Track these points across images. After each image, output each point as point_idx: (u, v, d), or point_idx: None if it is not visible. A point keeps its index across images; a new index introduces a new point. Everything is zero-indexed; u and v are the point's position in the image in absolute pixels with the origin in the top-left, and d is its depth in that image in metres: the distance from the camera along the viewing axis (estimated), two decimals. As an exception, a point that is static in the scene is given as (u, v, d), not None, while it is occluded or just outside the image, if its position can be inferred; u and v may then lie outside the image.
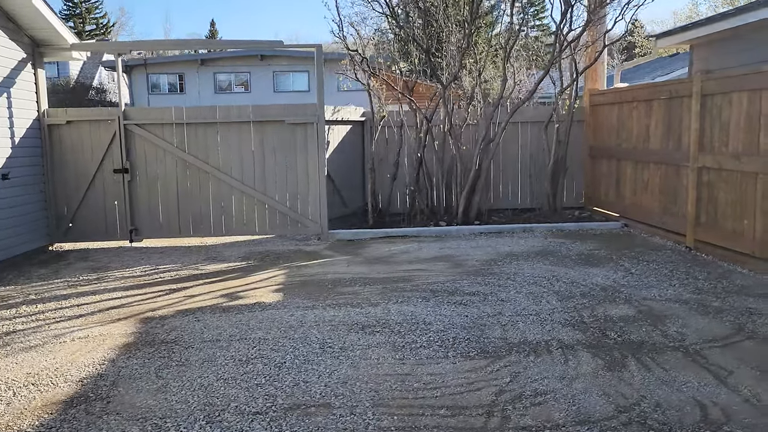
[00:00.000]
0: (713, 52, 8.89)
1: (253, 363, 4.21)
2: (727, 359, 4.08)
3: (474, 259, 7.42)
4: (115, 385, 3.90)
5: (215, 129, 8.97)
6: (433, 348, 4.43)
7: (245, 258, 7.88)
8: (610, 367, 4.00)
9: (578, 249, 7.81)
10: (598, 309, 5.27)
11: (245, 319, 5.24)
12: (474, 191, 9.76)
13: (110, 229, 9.00)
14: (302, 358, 4.28)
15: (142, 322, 5.24)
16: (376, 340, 4.61)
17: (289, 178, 9.05)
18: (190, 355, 4.39)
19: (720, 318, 4.94)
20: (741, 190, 6.68)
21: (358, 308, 5.47)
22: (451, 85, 9.57)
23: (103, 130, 8.84)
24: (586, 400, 3.53)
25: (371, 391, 3.72)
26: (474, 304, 5.51)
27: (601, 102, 10.07)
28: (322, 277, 6.73)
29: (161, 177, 8.98)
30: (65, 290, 6.42)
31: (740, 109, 6.66)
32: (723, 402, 3.46)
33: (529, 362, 4.11)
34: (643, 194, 8.84)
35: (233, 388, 3.80)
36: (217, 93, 33.07)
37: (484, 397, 3.60)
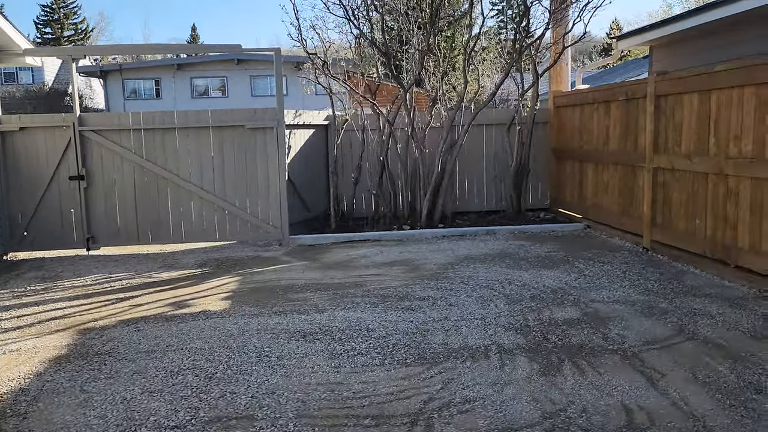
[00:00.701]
0: (671, 53, 8.94)
1: (183, 374, 4.11)
2: (663, 362, 4.05)
3: (432, 263, 7.37)
4: (36, 400, 3.78)
5: (174, 134, 8.84)
6: (371, 355, 4.35)
7: (201, 265, 7.76)
8: (545, 371, 3.95)
9: (537, 251, 7.79)
10: (545, 312, 5.22)
11: (186, 328, 5.13)
12: (437, 194, 9.72)
13: (67, 238, 8.83)
14: (235, 368, 4.19)
15: (80, 333, 5.11)
16: (314, 348, 4.53)
17: (249, 183, 8.94)
18: (121, 367, 4.27)
19: (664, 319, 4.92)
20: (693, 191, 6.69)
21: (303, 315, 5.39)
22: (412, 88, 9.52)
23: (58, 136, 8.67)
24: (514, 406, 3.47)
25: (298, 401, 3.64)
26: (422, 309, 5.45)
27: (564, 104, 10.08)
28: (276, 283, 6.64)
29: (119, 183, 8.83)
30: (9, 301, 6.26)
31: (691, 110, 6.67)
32: (650, 406, 3.42)
33: (465, 368, 4.05)
34: (604, 195, 8.85)
35: (157, 401, 3.69)
36: (195, 98, 32.84)
37: (412, 406, 3.53)
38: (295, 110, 9.69)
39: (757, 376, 3.78)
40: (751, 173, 5.71)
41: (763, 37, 7.12)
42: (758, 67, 5.59)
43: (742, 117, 5.85)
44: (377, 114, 9.79)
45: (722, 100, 6.15)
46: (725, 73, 6.05)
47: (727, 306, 5.23)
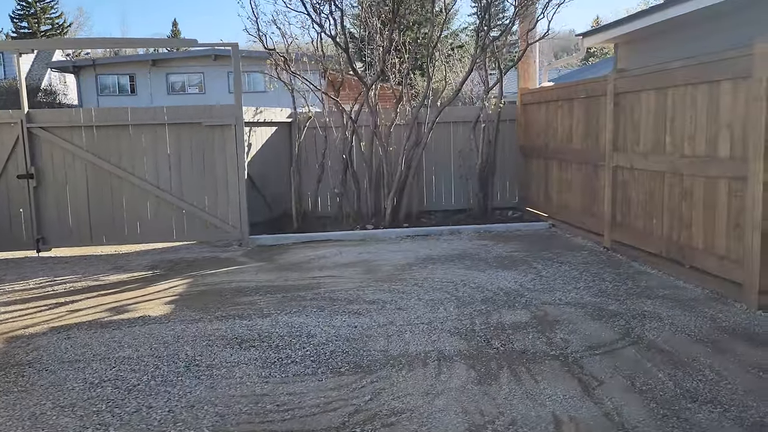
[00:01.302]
0: (633, 50, 8.85)
1: (103, 386, 3.90)
2: (603, 368, 3.92)
3: (390, 263, 7.20)
4: (-61, 415, 3.56)
5: (128, 132, 8.59)
6: (305, 364, 4.17)
7: (153, 267, 7.53)
8: (482, 380, 3.80)
9: (498, 251, 7.65)
10: (494, 316, 5.08)
11: (120, 335, 4.91)
12: (402, 193, 9.56)
13: (16, 238, 8.54)
14: (160, 379, 3.98)
15: (6, 341, 4.88)
16: (248, 356, 4.34)
17: (207, 182, 8.71)
18: (39, 379, 4.06)
19: (611, 323, 4.79)
20: (651, 190, 6.59)
21: (246, 320, 5.20)
22: (375, 85, 9.33)
23: (5, 133, 8.38)
24: (442, 418, 3.31)
25: (216, 415, 3.45)
26: (369, 313, 5.28)
27: (531, 101, 9.96)
28: (226, 286, 6.43)
29: (71, 183, 8.56)
30: (-58, 306, 6.00)
31: (648, 108, 6.56)
32: (581, 416, 3.28)
33: (400, 377, 3.89)
34: (568, 194, 8.74)
35: (66, 417, 3.49)
36: (170, 94, 32.36)
37: (336, 419, 3.36)
38: (255, 107, 9.47)
39: (696, 383, 3.66)
40: (705, 173, 5.60)
41: (724, 32, 7.02)
42: (711, 64, 5.48)
43: (696, 115, 5.75)
44: (340, 111, 9.60)
45: (677, 98, 6.04)
46: (680, 71, 5.94)
47: (678, 308, 5.12)
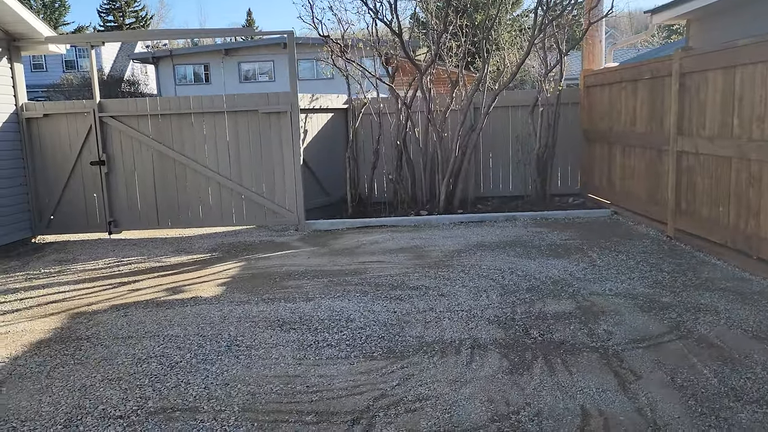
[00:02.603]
0: (706, 28, 8.33)
1: (149, 362, 4.10)
2: (643, 362, 3.75)
3: (440, 250, 7.16)
4: (1, 384, 3.85)
5: (190, 120, 8.91)
6: (340, 347, 4.23)
7: (212, 250, 7.81)
8: (513, 370, 3.73)
9: (552, 239, 7.45)
10: (537, 305, 4.96)
11: (172, 314, 5.14)
12: (457, 179, 9.45)
13: (90, 221, 9.07)
14: (201, 357, 4.15)
15: (71, 317, 5.20)
16: (286, 338, 4.44)
17: (265, 168, 8.92)
18: (93, 353, 4.31)
19: (661, 315, 4.58)
20: (716, 176, 6.21)
21: (290, 303, 5.31)
22: (429, 70, 9.24)
23: (79, 122, 8.88)
24: (466, 407, 3.28)
25: (248, 394, 3.56)
26: (410, 299, 5.28)
27: (594, 83, 9.58)
28: (277, 269, 6.59)
29: (138, 169, 8.98)
30: (20, 284, 6.46)
31: (715, 88, 6.17)
32: (612, 411, 3.16)
33: (430, 364, 3.87)
34: (631, 180, 8.38)
35: (112, 390, 3.69)
36: (242, 82, 33.24)
37: (361, 403, 3.39)
38: (311, 94, 9.58)
39: (743, 381, 3.45)
40: (773, 157, 5.23)
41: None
42: (781, 40, 5.08)
43: (766, 95, 5.36)
44: (395, 97, 9.57)
45: (746, 78, 5.65)
46: (749, 48, 5.55)
47: (738, 302, 4.83)
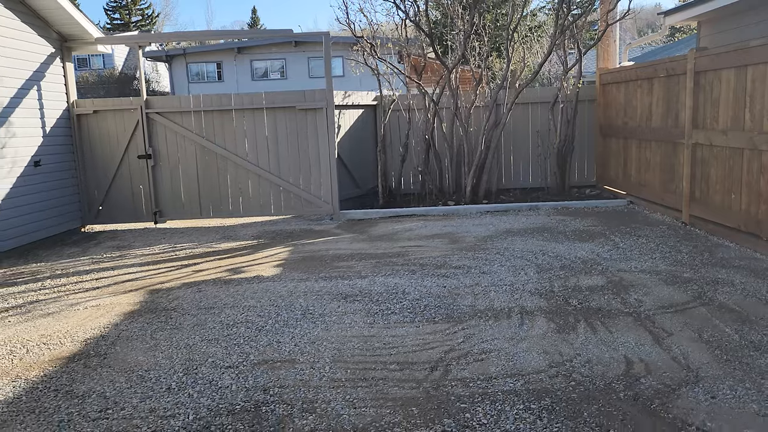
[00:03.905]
0: (716, 29, 8.88)
1: (237, 327, 4.68)
2: (673, 323, 4.33)
3: (472, 236, 7.73)
4: (114, 344, 4.43)
5: (231, 116, 9.48)
6: (403, 314, 4.81)
7: (257, 237, 8.39)
8: (560, 330, 4.31)
9: (576, 226, 8.02)
10: (571, 280, 5.54)
11: (241, 290, 5.72)
12: (482, 171, 10.02)
13: (137, 212, 9.66)
14: (282, 323, 4.73)
15: (149, 293, 5.79)
16: (353, 308, 5.02)
17: (301, 161, 9.50)
18: (184, 321, 4.89)
19: (684, 287, 5.15)
20: (729, 166, 6.78)
21: (347, 280, 5.89)
22: (456, 68, 9.80)
23: (127, 118, 9.46)
24: (525, 357, 3.86)
25: (335, 349, 4.14)
26: (456, 276, 5.85)
27: (610, 81, 10.14)
28: (324, 253, 7.17)
29: (182, 162, 9.57)
30: (89, 266, 7.05)
31: (728, 85, 6.74)
32: (650, 359, 3.74)
33: (487, 326, 4.45)
34: (647, 172, 8.94)
35: (214, 347, 4.27)
36: (255, 80, 33.80)
37: (434, 355, 3.97)
38: (344, 91, 10.15)
39: (761, 336, 4.02)
40: (783, 147, 5.79)
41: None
42: (791, 42, 5.64)
43: (776, 92, 5.92)
44: (423, 94, 10.14)
45: (757, 76, 6.21)
46: (760, 49, 6.11)
47: (752, 276, 5.40)
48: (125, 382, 3.76)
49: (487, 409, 3.21)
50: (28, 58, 8.32)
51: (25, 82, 8.23)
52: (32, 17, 8.41)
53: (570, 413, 3.14)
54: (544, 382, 3.50)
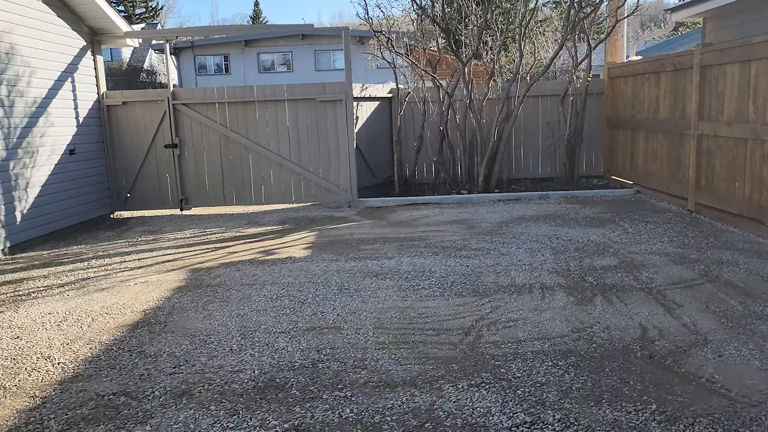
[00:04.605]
0: (721, 25, 9.25)
1: (280, 300, 5.10)
2: (682, 297, 4.74)
3: (487, 222, 8.14)
4: (171, 314, 4.85)
5: (254, 107, 9.88)
6: (432, 289, 5.22)
7: (281, 222, 8.80)
8: (579, 302, 4.72)
9: (586, 213, 8.43)
10: (586, 260, 5.95)
11: (277, 269, 6.13)
12: (494, 162, 10.42)
13: (163, 199, 10.08)
14: (321, 297, 5.14)
15: (191, 272, 6.20)
16: (385, 284, 5.44)
17: (321, 151, 9.90)
18: (230, 295, 5.31)
19: (692, 266, 5.56)
20: (733, 155, 7.18)
21: (375, 261, 6.30)
22: (470, 62, 10.18)
23: (154, 109, 9.85)
24: (549, 324, 4.28)
25: (375, 318, 4.56)
26: (477, 257, 6.26)
27: (618, 75, 10.52)
28: (348, 237, 7.58)
29: (207, 151, 9.97)
30: (127, 248, 7.46)
31: (733, 79, 7.12)
32: (663, 326, 4.15)
33: (511, 299, 4.87)
34: (654, 162, 9.34)
35: (263, 316, 4.69)
36: (261, 73, 34.15)
37: (466, 323, 4.38)
38: (361, 84, 10.53)
39: (762, 308, 4.43)
40: (784, 137, 6.18)
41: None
42: (792, 39, 6.02)
43: (778, 85, 6.31)
44: (437, 87, 10.53)
45: (761, 70, 6.60)
46: (762, 45, 6.49)
47: (755, 257, 5.81)
48: (190, 344, 4.18)
49: (519, 366, 3.63)
50: (63, 51, 8.71)
51: (60, 74, 8.62)
52: (66, 11, 8.79)
53: (593, 368, 3.55)
54: (568, 344, 3.92)
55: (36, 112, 7.99)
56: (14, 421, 3.21)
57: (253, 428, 3.04)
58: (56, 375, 3.77)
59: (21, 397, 3.49)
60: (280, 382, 3.54)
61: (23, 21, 7.74)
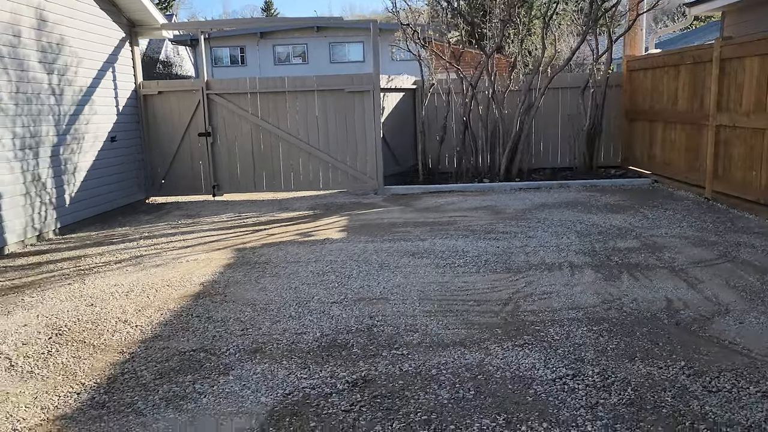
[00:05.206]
0: (740, 19, 9.52)
1: (327, 275, 5.48)
2: (703, 274, 5.09)
3: (511, 208, 8.49)
4: (227, 287, 5.25)
5: (284, 97, 10.25)
6: (468, 267, 5.59)
7: (312, 208, 9.19)
8: (607, 278, 5.07)
9: (606, 200, 8.75)
10: (610, 242, 6.29)
11: (318, 248, 6.52)
12: (515, 152, 10.75)
13: (196, 185, 10.49)
14: (365, 272, 5.52)
15: (236, 251, 6.60)
16: (423, 262, 5.81)
17: (349, 140, 10.27)
18: (279, 270, 5.70)
19: (711, 248, 5.90)
20: (750, 145, 7.48)
21: (409, 242, 6.67)
22: (494, 54, 10.50)
23: (188, 99, 10.25)
24: (581, 296, 4.64)
25: (418, 291, 4.93)
26: (505, 239, 6.62)
27: (637, 67, 10.81)
28: (380, 221, 7.95)
29: (238, 140, 10.36)
30: (170, 230, 7.87)
31: (752, 72, 7.42)
32: (686, 298, 4.51)
33: (543, 276, 5.23)
34: (672, 152, 9.65)
35: (314, 289, 5.08)
36: (277, 64, 34.51)
37: (503, 295, 4.75)
38: (388, 75, 10.88)
39: (779, 283, 4.78)
40: (800, 127, 6.49)
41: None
42: (810, 33, 6.31)
43: (796, 78, 6.60)
44: (461, 78, 10.86)
45: (779, 63, 6.89)
46: (782, 39, 6.79)
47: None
48: (252, 311, 4.58)
49: (557, 330, 4.00)
50: (104, 42, 9.11)
51: (102, 65, 9.02)
52: (108, 4, 9.19)
53: (625, 333, 3.91)
54: (600, 313, 4.28)
55: (82, 101, 8.40)
56: (110, 372, 3.62)
57: (324, 378, 3.43)
58: (137, 336, 4.18)
59: (110, 353, 3.90)
60: (342, 343, 3.93)
61: (71, 13, 8.14)
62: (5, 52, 6.81)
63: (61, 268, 6.10)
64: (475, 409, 3.04)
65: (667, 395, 3.11)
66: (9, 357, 3.89)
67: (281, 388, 3.34)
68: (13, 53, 6.96)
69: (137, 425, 3.01)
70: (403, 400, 3.15)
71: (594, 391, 3.17)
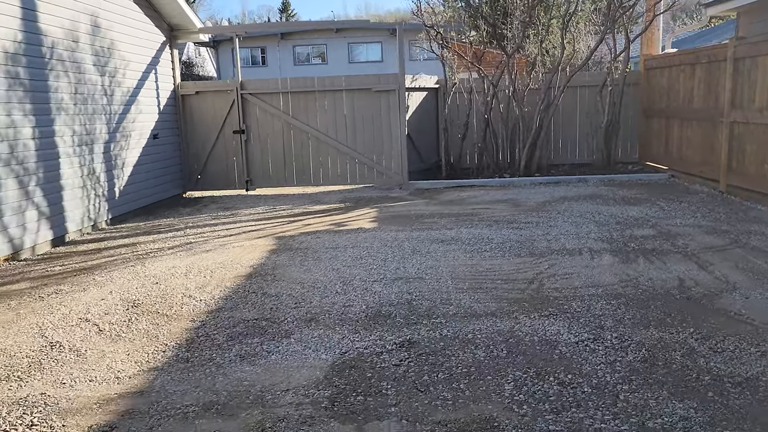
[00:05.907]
0: (755, 19, 9.86)
1: (365, 259, 5.98)
2: (714, 258, 5.50)
3: (532, 201, 8.92)
4: (275, 269, 5.76)
5: (314, 96, 10.77)
6: (494, 252, 6.05)
7: (342, 201, 9.69)
8: (624, 261, 5.51)
9: (623, 194, 9.16)
10: (627, 231, 6.72)
11: (353, 236, 7.02)
12: (535, 148, 11.17)
13: (230, 180, 11.05)
14: (399, 257, 6.01)
15: (277, 239, 7.12)
16: (451, 248, 6.28)
17: (375, 137, 10.77)
18: (320, 255, 6.21)
19: (723, 236, 6.31)
20: (763, 140, 7.85)
21: (437, 231, 7.15)
22: (514, 54, 10.93)
23: (223, 98, 10.81)
24: (600, 276, 5.08)
25: (450, 272, 5.41)
26: (528, 228, 7.07)
27: (654, 66, 11.18)
28: (407, 213, 8.43)
29: (270, 137, 10.90)
30: (211, 221, 8.42)
31: (765, 70, 7.79)
32: (698, 278, 4.93)
33: (564, 259, 5.68)
34: (687, 148, 10.02)
35: (355, 270, 5.58)
36: (296, 65, 35.15)
37: (528, 275, 5.21)
38: (412, 75, 11.36)
39: (784, 265, 5.19)
40: (809, 123, 6.86)
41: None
42: (818, 34, 6.69)
43: (805, 76, 6.98)
44: (482, 78, 11.30)
45: (789, 62, 7.26)
46: (792, 39, 7.16)
47: (780, 229, 6.52)
48: (301, 288, 5.09)
49: (578, 304, 4.45)
50: (148, 45, 9.69)
51: (146, 67, 9.60)
52: (151, 10, 9.76)
53: (640, 306, 4.36)
54: (617, 290, 4.73)
55: (129, 101, 8.98)
56: (186, 336, 4.14)
57: (374, 341, 3.92)
58: (203, 307, 4.71)
59: (183, 321, 4.43)
60: (386, 313, 4.42)
61: (119, 19, 8.72)
62: (66, 56, 7.40)
63: (120, 254, 6.66)
64: (508, 365, 3.51)
65: (677, 354, 3.56)
66: (96, 324, 4.43)
67: (338, 348, 3.84)
68: (72, 57, 7.54)
69: (219, 375, 3.52)
70: (444, 357, 3.63)
71: (612, 351, 3.63)
